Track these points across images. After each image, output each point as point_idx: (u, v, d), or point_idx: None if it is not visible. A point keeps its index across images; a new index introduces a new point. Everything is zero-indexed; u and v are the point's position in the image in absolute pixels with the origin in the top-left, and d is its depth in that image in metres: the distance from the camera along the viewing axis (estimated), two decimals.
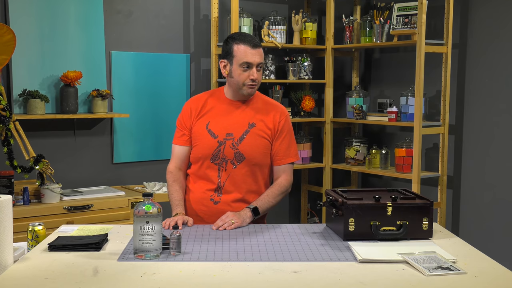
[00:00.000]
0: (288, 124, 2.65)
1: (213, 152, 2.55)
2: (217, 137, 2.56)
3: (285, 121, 2.63)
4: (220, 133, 2.57)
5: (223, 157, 2.55)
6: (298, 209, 5.12)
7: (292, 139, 2.66)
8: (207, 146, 2.56)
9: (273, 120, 2.60)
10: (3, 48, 3.14)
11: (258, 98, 2.65)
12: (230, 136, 2.56)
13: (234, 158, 2.55)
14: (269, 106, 2.64)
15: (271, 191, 2.59)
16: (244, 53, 2.50)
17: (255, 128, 2.57)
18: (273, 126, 2.60)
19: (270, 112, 2.61)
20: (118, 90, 4.15)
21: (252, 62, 2.50)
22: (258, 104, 2.63)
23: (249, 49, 2.50)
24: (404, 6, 4.30)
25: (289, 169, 2.65)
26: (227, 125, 2.57)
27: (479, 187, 4.30)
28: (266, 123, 2.59)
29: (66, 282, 1.77)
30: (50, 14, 3.87)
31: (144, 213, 1.97)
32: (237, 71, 2.52)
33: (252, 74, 2.51)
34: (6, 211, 1.90)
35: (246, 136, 2.56)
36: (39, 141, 3.83)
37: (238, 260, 1.99)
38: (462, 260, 1.99)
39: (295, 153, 2.66)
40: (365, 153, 4.73)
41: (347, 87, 5.08)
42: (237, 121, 2.58)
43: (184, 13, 4.43)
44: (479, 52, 4.27)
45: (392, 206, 2.21)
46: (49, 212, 3.47)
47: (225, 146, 2.55)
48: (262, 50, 2.54)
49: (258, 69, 2.53)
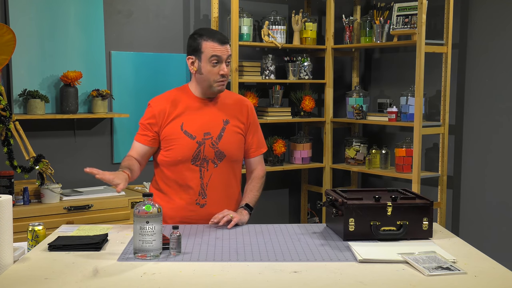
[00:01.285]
0: (255, 116, 2.70)
1: (193, 153, 2.51)
2: (195, 138, 2.51)
3: (253, 114, 2.68)
4: (197, 133, 2.52)
5: (204, 157, 2.52)
6: (298, 209, 5.12)
7: (260, 129, 2.72)
8: (186, 148, 2.50)
9: (244, 114, 2.62)
10: (3, 48, 3.14)
11: (224, 92, 2.63)
12: (208, 135, 2.53)
13: (215, 157, 2.53)
14: (237, 101, 2.65)
15: (253, 185, 2.67)
16: (213, 48, 2.47)
17: (229, 124, 2.57)
18: (245, 120, 2.63)
19: (240, 106, 2.63)
20: (118, 90, 4.15)
21: (221, 55, 2.48)
22: (226, 100, 2.62)
23: (217, 45, 2.48)
24: (404, 6, 4.31)
25: (262, 159, 2.73)
26: (202, 124, 2.53)
27: (479, 187, 4.29)
28: (239, 118, 2.61)
29: (66, 282, 1.77)
30: (50, 14, 3.87)
31: (144, 213, 1.97)
32: (206, 67, 2.48)
33: (222, 69, 2.48)
34: (6, 211, 1.90)
35: (223, 133, 2.55)
36: (39, 141, 3.83)
37: (238, 260, 1.99)
38: (462, 260, 1.99)
39: (264, 143, 2.73)
40: (365, 153, 4.73)
41: (347, 87, 5.08)
42: (211, 119, 2.55)
43: (184, 13, 4.43)
44: (479, 52, 4.27)
45: (392, 206, 2.21)
46: (49, 212, 3.46)
47: (204, 146, 2.52)
48: (229, 45, 2.52)
49: (227, 64, 2.52)
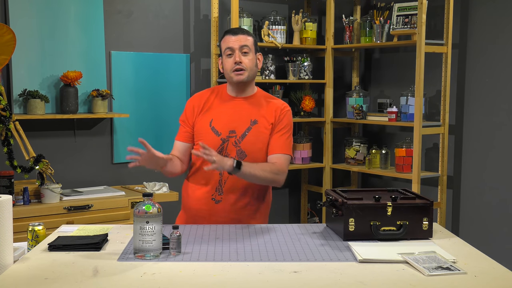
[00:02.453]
0: (287, 120, 2.60)
1: (217, 150, 2.52)
2: (220, 135, 2.55)
3: (285, 116, 2.60)
4: (223, 131, 2.55)
5: (226, 155, 2.52)
6: (298, 209, 5.12)
7: (291, 136, 2.62)
8: (211, 143, 2.51)
9: (274, 115, 2.58)
10: (3, 48, 3.14)
11: (260, 94, 2.65)
12: (233, 134, 2.54)
13: (237, 155, 2.53)
14: (271, 102, 2.62)
15: (264, 164, 2.49)
16: (227, 41, 2.55)
17: (257, 125, 2.56)
18: (273, 121, 2.57)
19: (272, 107, 2.60)
20: (118, 90, 4.16)
21: (232, 46, 2.53)
22: (260, 101, 2.62)
23: (230, 37, 2.55)
24: (404, 6, 4.31)
25: (285, 159, 2.55)
26: (230, 122, 2.56)
27: (479, 187, 4.29)
28: (268, 119, 2.57)
29: (66, 282, 1.77)
30: (50, 14, 3.87)
31: (144, 213, 1.97)
32: (224, 61, 2.57)
33: (235, 57, 2.52)
34: (6, 211, 1.90)
35: (248, 133, 2.54)
36: (39, 141, 3.83)
37: (238, 260, 1.99)
38: (462, 260, 1.99)
39: (290, 148, 2.59)
40: (365, 153, 4.73)
41: (347, 87, 5.08)
42: (240, 118, 2.57)
43: (184, 13, 4.43)
44: (479, 52, 4.27)
45: (392, 206, 2.21)
46: (49, 212, 3.47)
47: (228, 144, 2.54)
48: (245, 36, 2.55)
49: (243, 54, 2.54)
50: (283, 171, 2.53)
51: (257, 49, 2.61)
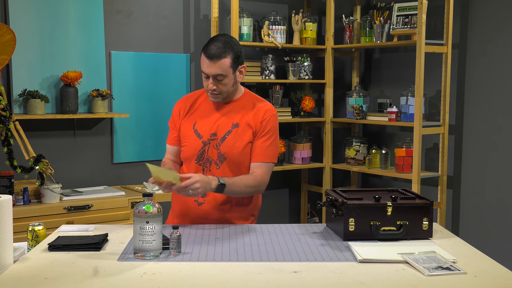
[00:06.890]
0: (272, 123, 2.54)
1: (198, 152, 2.53)
2: (202, 137, 2.54)
3: (270, 120, 2.53)
4: (205, 134, 2.54)
5: (207, 158, 2.52)
6: (298, 209, 5.12)
7: (275, 140, 2.55)
8: (193, 146, 2.54)
9: (257, 118, 2.53)
10: (3, 48, 3.13)
11: (247, 97, 2.60)
12: (214, 137, 2.53)
13: (217, 158, 2.52)
14: (256, 105, 2.56)
15: (246, 179, 2.46)
16: (202, 63, 2.46)
17: (238, 128, 2.52)
18: (256, 125, 2.52)
19: (256, 111, 2.54)
20: (118, 90, 4.16)
21: (207, 73, 2.45)
22: (246, 104, 2.57)
23: (205, 60, 2.44)
24: (404, 6, 4.31)
25: (266, 168, 2.52)
26: (212, 125, 2.54)
27: (479, 187, 4.30)
28: (249, 123, 2.52)
29: (66, 282, 1.77)
30: (50, 14, 3.87)
31: (144, 213, 1.97)
32: (203, 78, 2.50)
33: (209, 84, 2.46)
34: (6, 211, 1.90)
35: (228, 136, 2.52)
36: (39, 141, 3.83)
37: (238, 260, 1.99)
38: (462, 260, 1.99)
39: (273, 155, 2.54)
40: (365, 153, 4.73)
41: (347, 87, 5.08)
42: (222, 121, 2.54)
43: (184, 13, 4.43)
44: (479, 52, 4.27)
45: (392, 206, 2.21)
46: (49, 212, 3.47)
47: (209, 147, 2.53)
48: (221, 61, 2.40)
49: (218, 80, 2.44)
50: (264, 182, 2.52)
51: (238, 64, 2.48)
